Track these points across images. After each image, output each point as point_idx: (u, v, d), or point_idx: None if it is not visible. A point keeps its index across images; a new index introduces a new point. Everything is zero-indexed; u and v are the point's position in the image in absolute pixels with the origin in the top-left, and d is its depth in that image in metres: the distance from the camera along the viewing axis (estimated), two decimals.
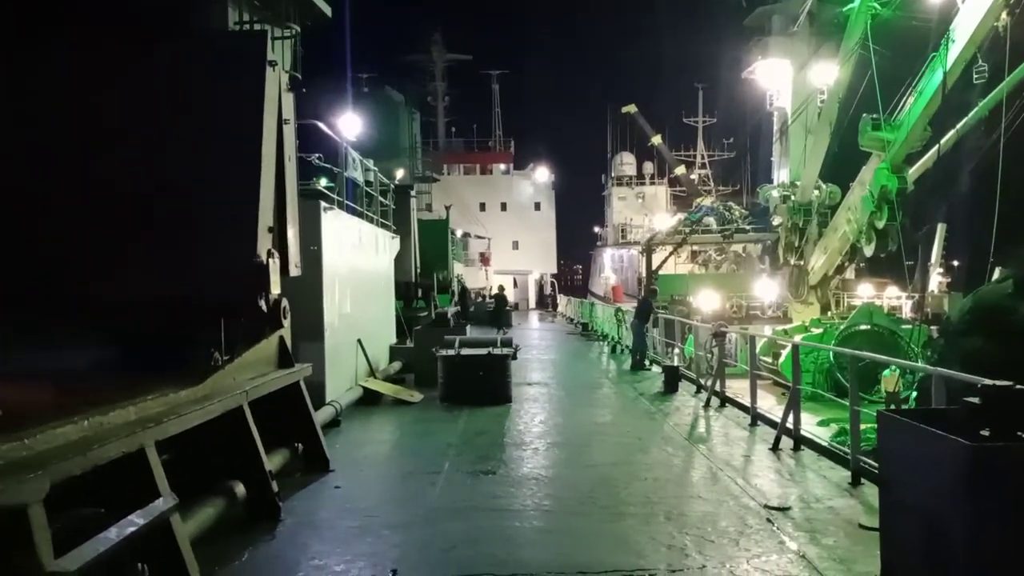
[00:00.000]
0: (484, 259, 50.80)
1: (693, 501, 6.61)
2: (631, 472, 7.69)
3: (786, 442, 8.47)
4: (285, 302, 7.53)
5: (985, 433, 3.91)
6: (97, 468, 3.82)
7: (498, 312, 26.96)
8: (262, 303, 7.18)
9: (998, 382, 4.04)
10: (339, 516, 6.24)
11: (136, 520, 3.93)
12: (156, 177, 6.80)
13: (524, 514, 6.30)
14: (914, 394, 14.82)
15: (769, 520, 5.97)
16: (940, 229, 26.94)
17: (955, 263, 29.27)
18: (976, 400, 4.05)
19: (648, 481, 7.30)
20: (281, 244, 7.98)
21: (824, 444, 8.38)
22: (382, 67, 53.45)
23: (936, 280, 26.98)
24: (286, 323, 7.62)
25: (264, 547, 5.50)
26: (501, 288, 31.56)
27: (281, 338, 7.52)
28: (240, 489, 5.85)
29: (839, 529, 5.72)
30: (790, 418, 8.55)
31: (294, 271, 8.33)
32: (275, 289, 7.40)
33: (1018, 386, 3.99)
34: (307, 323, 9.73)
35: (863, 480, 6.80)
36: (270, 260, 7.40)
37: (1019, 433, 3.88)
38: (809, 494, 6.71)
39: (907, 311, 24.37)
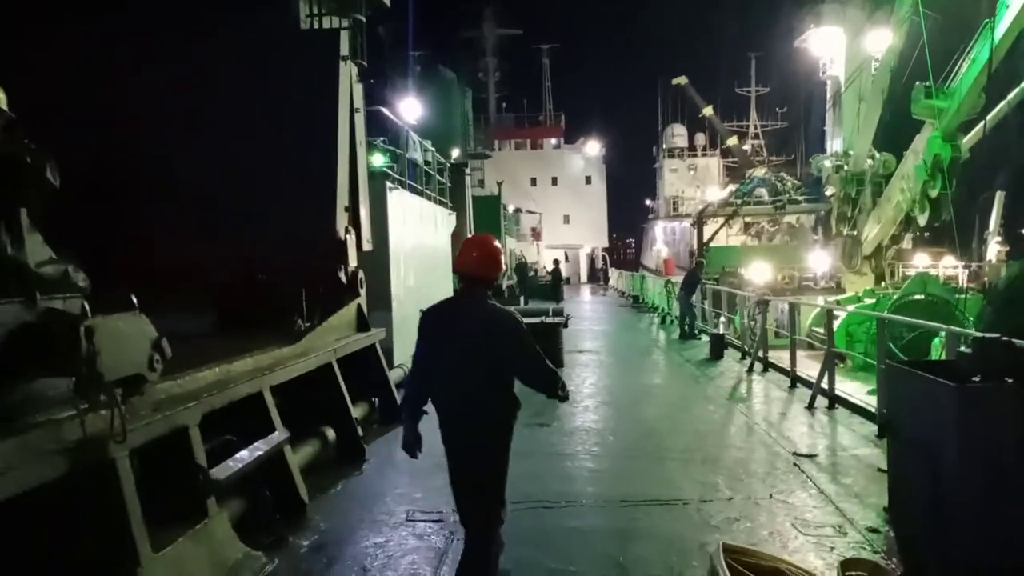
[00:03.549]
0: (535, 234, 51.39)
1: (728, 449, 7.33)
2: (674, 426, 8.43)
3: (822, 401, 9.07)
4: (361, 273, 8.46)
5: (976, 379, 4.53)
6: (232, 404, 4.75)
7: (555, 285, 29.58)
8: (341, 275, 8.13)
9: (988, 335, 4.66)
10: None
11: (261, 446, 4.86)
12: (245, 165, 7.66)
13: (576, 457, 7.13)
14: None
15: (796, 465, 6.63)
16: (999, 196, 26.51)
17: (1021, 231, 28.62)
18: (968, 350, 4.68)
19: (689, 433, 8.03)
20: (355, 221, 8.90)
21: (857, 403, 8.93)
22: (433, 44, 53.95)
23: (995, 249, 26.61)
24: (363, 292, 8.55)
25: (354, 480, 6.44)
26: (556, 263, 33.10)
27: (359, 306, 8.45)
28: (331, 433, 6.80)
29: (859, 472, 6.36)
30: (826, 378, 9.14)
31: (367, 246, 9.25)
32: (352, 262, 8.34)
33: (1004, 338, 4.59)
34: (376, 295, 10.66)
35: None
36: (347, 236, 8.33)
37: (1006, 379, 4.49)
38: (836, 444, 7.35)
39: (963, 280, 24.18)
